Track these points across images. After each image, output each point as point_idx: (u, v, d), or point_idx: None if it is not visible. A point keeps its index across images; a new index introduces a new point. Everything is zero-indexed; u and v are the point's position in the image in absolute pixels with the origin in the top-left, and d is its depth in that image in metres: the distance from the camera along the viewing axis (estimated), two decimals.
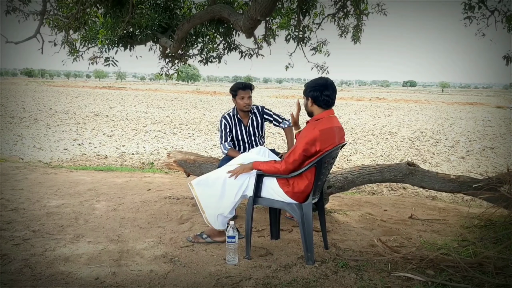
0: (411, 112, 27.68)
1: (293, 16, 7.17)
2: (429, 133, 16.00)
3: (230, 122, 4.36)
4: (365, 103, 39.27)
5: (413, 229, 4.14)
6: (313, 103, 3.23)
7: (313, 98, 3.21)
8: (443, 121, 21.82)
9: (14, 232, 3.76)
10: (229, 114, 4.41)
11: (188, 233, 3.78)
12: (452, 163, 10.07)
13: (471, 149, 12.38)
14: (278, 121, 4.46)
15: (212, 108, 26.74)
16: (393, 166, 4.31)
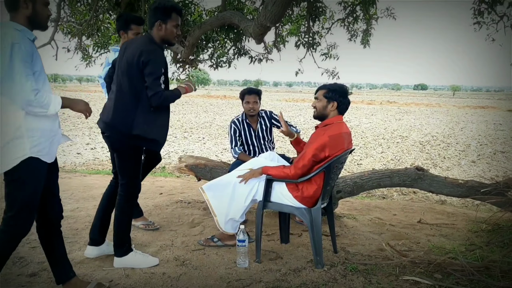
0: (422, 116, 27.58)
1: (303, 23, 7.24)
2: (440, 137, 15.95)
3: (239, 126, 4.44)
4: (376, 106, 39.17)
5: (421, 233, 4.18)
6: (336, 107, 3.29)
7: (339, 103, 3.28)
8: (454, 124, 21.72)
9: (30, 235, 3.79)
10: (238, 119, 4.49)
11: (200, 237, 3.85)
12: (462, 167, 10.04)
13: (482, 153, 12.33)
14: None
15: (222, 112, 26.86)
16: (402, 171, 4.34)
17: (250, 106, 4.37)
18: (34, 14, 2.44)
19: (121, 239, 3.21)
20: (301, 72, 7.61)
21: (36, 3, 2.44)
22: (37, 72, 2.38)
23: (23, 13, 2.41)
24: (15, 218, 2.45)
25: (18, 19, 2.40)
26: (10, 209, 2.44)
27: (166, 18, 3.08)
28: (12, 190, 2.41)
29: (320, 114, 3.38)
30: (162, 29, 3.09)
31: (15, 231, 2.50)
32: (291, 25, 7.52)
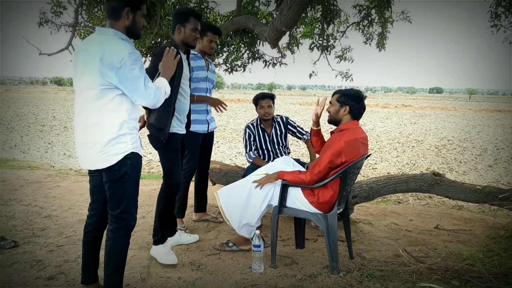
0: (437, 120, 27.33)
1: (317, 25, 7.23)
2: (456, 141, 15.78)
3: (253, 131, 4.45)
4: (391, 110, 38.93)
5: (438, 239, 4.13)
6: (348, 112, 3.28)
7: (351, 108, 3.26)
8: (470, 128, 21.48)
9: (48, 238, 3.91)
10: (252, 123, 4.50)
11: (215, 241, 3.86)
12: (479, 172, 9.92)
13: (499, 157, 12.16)
14: (301, 133, 4.53)
15: (236, 116, 26.90)
16: (418, 176, 4.31)
17: (265, 111, 4.38)
18: (133, 24, 2.53)
19: (155, 228, 3.53)
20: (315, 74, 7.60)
21: (136, 14, 2.53)
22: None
23: (123, 23, 2.49)
24: (126, 213, 2.54)
25: (117, 27, 2.48)
26: (117, 206, 2.52)
27: (185, 22, 3.35)
28: (119, 188, 2.49)
29: (333, 118, 3.37)
30: (182, 32, 3.37)
31: (128, 226, 2.59)
32: (305, 28, 7.52)
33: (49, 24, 6.67)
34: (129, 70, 2.33)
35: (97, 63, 2.33)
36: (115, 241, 2.57)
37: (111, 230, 2.57)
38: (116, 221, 2.54)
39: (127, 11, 2.46)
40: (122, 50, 2.34)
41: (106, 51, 2.33)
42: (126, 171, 2.47)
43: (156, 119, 3.28)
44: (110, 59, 2.32)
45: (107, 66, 2.32)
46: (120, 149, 2.43)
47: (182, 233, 3.85)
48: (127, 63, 2.32)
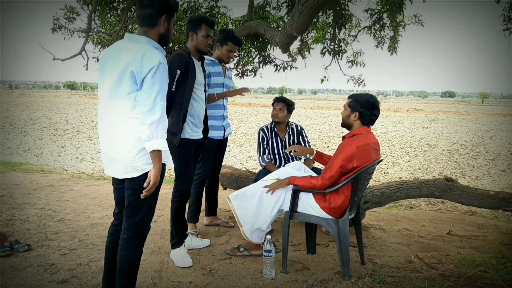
0: (450, 124, 27.12)
1: (329, 30, 7.22)
2: (469, 146, 15.64)
3: (267, 134, 4.47)
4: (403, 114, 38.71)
5: (451, 245, 4.09)
6: (358, 118, 3.27)
7: (360, 114, 3.25)
8: (483, 133, 21.28)
9: (61, 242, 3.94)
10: (266, 126, 4.51)
11: (226, 246, 3.86)
12: (492, 177, 9.82)
13: None
14: None
15: (247, 120, 26.96)
16: (431, 182, 4.28)
17: (274, 112, 4.44)
18: (167, 32, 2.51)
19: (171, 232, 3.62)
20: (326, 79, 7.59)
21: (170, 22, 2.51)
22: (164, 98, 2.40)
23: (157, 30, 2.46)
24: (143, 222, 2.53)
25: (151, 35, 2.44)
26: (136, 214, 2.49)
27: (197, 29, 3.43)
28: (140, 196, 2.42)
29: (344, 123, 3.38)
30: (194, 39, 3.45)
31: (142, 237, 2.58)
32: (316, 32, 7.52)
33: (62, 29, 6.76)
34: (152, 79, 2.28)
35: (128, 69, 2.30)
36: (129, 251, 2.54)
37: (125, 239, 2.53)
38: (132, 230, 2.51)
39: (164, 18, 2.44)
40: (153, 58, 2.30)
41: (138, 58, 2.30)
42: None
43: (170, 124, 3.30)
44: (141, 65, 2.28)
45: (137, 72, 2.29)
46: (150, 159, 2.37)
47: (193, 237, 3.87)
48: (154, 70, 2.28)
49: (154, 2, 2.41)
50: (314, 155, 3.75)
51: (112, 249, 2.66)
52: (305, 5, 4.37)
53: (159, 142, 2.32)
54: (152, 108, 2.29)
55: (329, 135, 17.97)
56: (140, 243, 2.57)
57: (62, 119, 23.34)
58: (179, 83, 3.26)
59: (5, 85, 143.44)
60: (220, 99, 4.10)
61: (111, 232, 2.70)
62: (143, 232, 2.56)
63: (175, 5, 2.51)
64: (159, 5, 2.42)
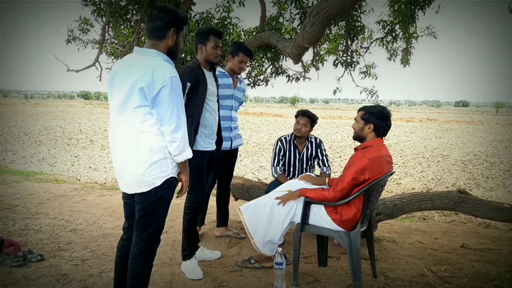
0: (463, 134, 26.87)
1: (341, 41, 7.23)
2: (483, 156, 15.46)
3: (285, 145, 4.45)
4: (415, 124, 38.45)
5: (465, 258, 4.04)
6: (372, 130, 3.26)
7: (375, 126, 3.24)
8: (497, 143, 21.03)
9: (73, 252, 3.96)
10: (285, 137, 4.50)
11: (237, 258, 3.85)
12: (507, 188, 9.69)
13: None
14: (324, 163, 4.49)
15: (259, 129, 26.99)
16: (444, 194, 4.23)
17: (298, 127, 4.38)
18: (176, 45, 2.52)
19: (183, 244, 3.63)
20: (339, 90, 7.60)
21: (179, 35, 2.52)
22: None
23: (166, 43, 2.47)
24: (154, 235, 2.54)
25: (159, 48, 2.46)
26: (147, 228, 2.49)
27: (205, 41, 3.44)
28: (152, 210, 2.47)
29: (357, 135, 3.36)
30: (203, 51, 3.47)
31: (154, 248, 2.59)
32: (329, 44, 7.53)
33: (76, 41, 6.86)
34: (167, 93, 2.28)
35: (138, 84, 2.29)
36: (140, 265, 2.53)
37: (136, 253, 2.52)
38: (143, 244, 2.51)
39: (173, 31, 2.45)
40: (165, 72, 2.29)
41: (148, 72, 2.29)
42: (162, 195, 2.44)
43: None
44: (152, 80, 2.28)
45: (148, 87, 2.28)
46: (161, 173, 2.40)
47: (204, 249, 3.87)
48: (168, 86, 2.28)
49: (163, 15, 2.42)
50: (327, 183, 3.70)
51: (121, 264, 2.66)
52: (317, 16, 4.39)
53: (188, 152, 2.45)
54: (178, 125, 2.35)
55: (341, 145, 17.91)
56: (151, 257, 2.56)
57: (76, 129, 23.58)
58: (190, 96, 3.29)
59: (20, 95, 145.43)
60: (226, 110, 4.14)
61: (120, 247, 2.70)
62: (154, 246, 2.56)
63: (184, 18, 2.52)
64: (168, 17, 2.43)
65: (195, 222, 3.64)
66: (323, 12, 4.33)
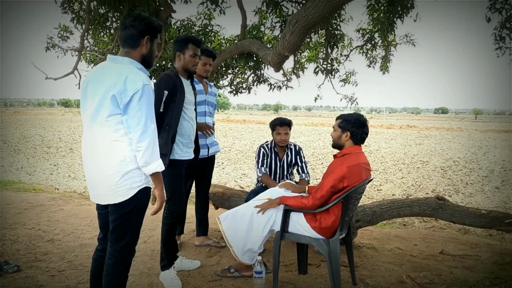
0: (443, 140, 27.21)
1: (321, 49, 7.29)
2: (462, 162, 15.67)
3: (267, 151, 4.46)
4: (395, 131, 38.85)
5: (443, 265, 4.07)
6: (349, 137, 3.28)
7: (352, 133, 3.27)
8: (476, 149, 21.35)
9: (50, 263, 3.89)
10: (267, 145, 4.50)
11: (216, 267, 3.82)
12: (486, 194, 9.82)
13: (506, 178, 12.05)
14: (303, 170, 4.50)
15: (241, 137, 26.94)
16: (422, 200, 4.27)
17: (282, 138, 4.38)
18: (150, 53, 2.50)
19: (161, 254, 3.58)
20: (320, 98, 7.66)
21: (154, 43, 2.50)
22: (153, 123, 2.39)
23: (140, 51, 2.45)
24: (128, 246, 2.49)
25: (133, 56, 2.43)
26: (121, 239, 2.45)
27: (184, 49, 3.43)
28: (126, 220, 2.42)
29: (335, 143, 3.39)
30: (181, 59, 3.46)
31: (128, 262, 2.54)
32: (309, 52, 7.59)
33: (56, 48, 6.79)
34: (138, 100, 2.25)
35: (111, 92, 2.26)
36: (114, 276, 2.48)
37: (110, 265, 2.47)
38: (117, 255, 2.46)
39: (147, 39, 2.44)
40: (137, 80, 2.27)
41: (121, 80, 2.26)
42: (136, 205, 2.40)
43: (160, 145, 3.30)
44: (124, 88, 2.24)
45: (120, 95, 2.25)
46: (134, 183, 2.36)
47: (183, 259, 3.83)
48: (139, 93, 2.25)
49: (137, 23, 2.41)
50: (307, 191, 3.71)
51: (97, 275, 2.61)
52: (296, 25, 4.43)
53: (157, 165, 2.35)
54: (144, 132, 2.28)
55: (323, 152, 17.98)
56: (126, 268, 2.52)
57: (56, 137, 23.25)
58: (168, 104, 3.27)
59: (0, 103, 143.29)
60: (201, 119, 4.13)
61: (95, 258, 2.65)
62: (128, 257, 2.52)
63: (158, 26, 2.50)
64: (142, 25, 2.42)
65: (173, 232, 3.61)
66: (302, 20, 4.36)
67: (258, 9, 6.89)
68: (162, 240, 3.57)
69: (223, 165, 13.82)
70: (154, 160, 2.34)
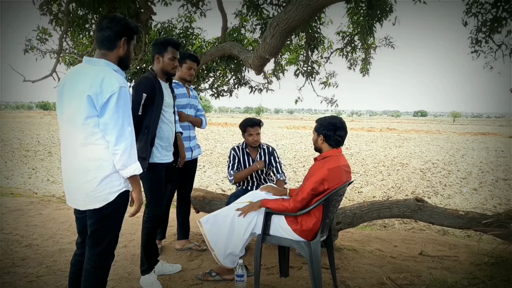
0: (422, 143, 27.56)
1: (302, 52, 7.33)
2: (441, 164, 15.90)
3: (238, 154, 4.45)
4: (376, 133, 39.23)
5: (423, 266, 4.12)
6: (324, 141, 3.29)
7: (325, 137, 3.28)
8: (454, 151, 21.69)
9: (28, 268, 3.82)
10: (238, 146, 4.50)
11: (198, 271, 3.80)
12: (464, 195, 9.98)
13: (483, 180, 12.27)
14: (278, 170, 4.51)
15: (223, 140, 26.88)
16: (401, 202, 4.32)
17: (254, 139, 4.39)
18: (127, 55, 2.48)
19: (141, 258, 3.55)
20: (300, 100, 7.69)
21: (130, 44, 2.48)
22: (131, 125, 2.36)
23: (117, 53, 2.43)
24: (106, 251, 2.46)
25: (109, 58, 2.41)
26: (99, 244, 2.42)
27: (163, 52, 3.43)
28: (104, 224, 2.40)
29: (315, 147, 3.43)
30: (160, 61, 3.45)
31: (107, 264, 2.51)
32: (290, 54, 7.62)
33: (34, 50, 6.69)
34: (115, 102, 2.23)
35: (86, 94, 2.24)
36: (93, 281, 2.45)
37: (88, 270, 2.44)
38: (95, 259, 2.43)
39: (124, 41, 2.42)
40: (113, 82, 2.25)
41: (97, 81, 2.24)
42: (114, 209, 2.38)
43: (138, 149, 3.28)
44: (101, 89, 2.23)
45: (96, 96, 2.23)
46: (113, 188, 2.34)
47: (164, 263, 3.80)
48: (116, 95, 2.23)
49: (113, 24, 2.40)
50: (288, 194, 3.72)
51: (75, 280, 2.58)
52: (277, 28, 4.44)
53: (134, 168, 2.33)
54: (121, 135, 2.26)
55: (304, 154, 18.05)
56: (105, 273, 2.49)
57: (34, 140, 22.86)
58: (146, 107, 3.24)
59: None
60: (186, 119, 4.14)
61: (73, 263, 2.62)
62: (107, 261, 2.49)
63: (135, 28, 2.49)
64: (118, 27, 2.40)
65: (154, 236, 3.58)
66: (282, 24, 4.38)
67: (239, 11, 6.89)
68: (142, 244, 3.54)
69: (204, 168, 13.76)
70: (131, 163, 2.32)
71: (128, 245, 4.55)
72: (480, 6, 5.47)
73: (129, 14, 5.50)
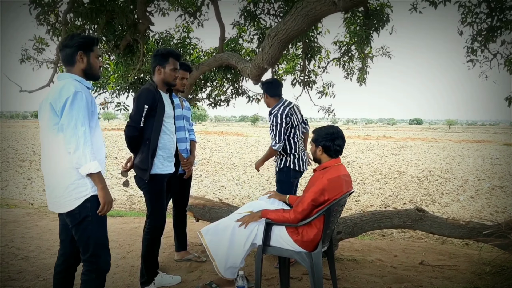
0: (418, 151, 27.63)
1: (299, 62, 7.35)
2: (437, 172, 15.94)
3: None
4: (372, 141, 39.30)
5: (423, 275, 4.10)
6: (323, 152, 3.29)
7: (324, 147, 3.27)
8: (451, 159, 21.75)
9: (24, 282, 3.77)
10: None
11: (197, 282, 3.76)
12: (461, 203, 10.00)
13: (480, 188, 12.31)
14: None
15: (219, 148, 26.86)
16: (402, 212, 4.31)
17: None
18: (89, 66, 2.65)
19: (141, 270, 3.56)
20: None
21: (90, 56, 2.64)
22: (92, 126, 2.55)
23: (78, 67, 2.62)
24: (96, 255, 2.57)
25: (74, 72, 2.61)
26: (86, 250, 2.55)
27: (164, 63, 3.44)
28: (83, 231, 2.53)
29: (314, 158, 3.43)
30: (161, 72, 3.45)
31: (99, 270, 2.61)
32: (287, 64, 7.63)
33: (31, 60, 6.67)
34: (69, 104, 2.40)
35: (49, 102, 2.44)
36: (87, 284, 2.58)
37: (83, 273, 2.59)
38: (87, 264, 2.58)
39: (80, 54, 2.60)
40: (70, 88, 2.43)
41: (57, 90, 2.44)
42: (87, 214, 2.50)
43: (140, 160, 3.31)
44: (59, 95, 2.42)
45: (55, 101, 2.43)
46: (80, 193, 2.48)
47: (164, 274, 3.76)
48: (70, 98, 2.40)
49: (69, 42, 2.61)
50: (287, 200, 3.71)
51: (61, 279, 2.77)
52: (275, 38, 4.45)
53: (89, 166, 2.44)
54: (73, 134, 2.40)
55: None
56: (97, 276, 2.61)
57: (29, 150, 22.77)
58: (147, 118, 3.26)
59: None
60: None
61: (57, 263, 2.79)
62: (98, 265, 2.60)
63: (90, 39, 2.66)
64: (73, 43, 2.60)
65: (154, 247, 3.55)
66: (281, 34, 4.39)
67: (236, 22, 6.91)
68: (143, 256, 3.52)
69: (201, 177, 13.74)
70: (86, 162, 2.42)
71: (126, 256, 4.50)
72: (475, 15, 5.51)
73: (127, 24, 5.50)
